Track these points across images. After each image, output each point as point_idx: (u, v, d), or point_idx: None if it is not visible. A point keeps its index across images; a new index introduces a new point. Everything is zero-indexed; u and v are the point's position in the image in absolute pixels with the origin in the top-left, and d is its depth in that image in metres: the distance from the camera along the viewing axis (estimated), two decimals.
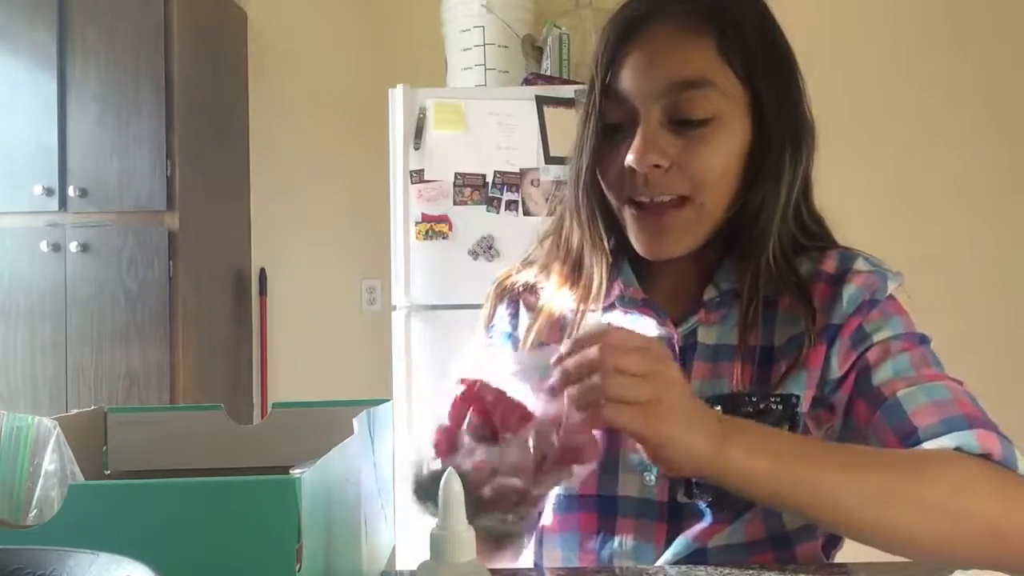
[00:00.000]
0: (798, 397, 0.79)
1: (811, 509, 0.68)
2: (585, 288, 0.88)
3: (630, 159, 0.79)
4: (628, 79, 0.81)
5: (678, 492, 0.80)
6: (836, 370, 0.80)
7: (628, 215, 0.84)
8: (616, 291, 0.88)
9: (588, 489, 0.84)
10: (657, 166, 0.79)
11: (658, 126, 0.80)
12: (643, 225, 0.83)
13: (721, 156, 0.81)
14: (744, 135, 0.82)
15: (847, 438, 0.79)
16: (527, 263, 0.98)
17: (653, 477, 0.81)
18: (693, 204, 0.81)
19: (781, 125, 0.82)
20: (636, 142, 0.79)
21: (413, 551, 0.60)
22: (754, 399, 0.79)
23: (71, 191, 2.33)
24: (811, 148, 0.85)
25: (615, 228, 0.88)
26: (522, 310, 0.95)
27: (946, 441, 0.70)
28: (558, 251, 0.93)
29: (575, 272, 0.90)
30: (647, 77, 0.80)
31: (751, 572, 0.73)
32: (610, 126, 0.83)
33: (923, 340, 0.80)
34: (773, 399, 0.79)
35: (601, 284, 0.86)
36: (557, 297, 0.91)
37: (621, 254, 0.89)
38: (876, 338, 0.79)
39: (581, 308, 0.88)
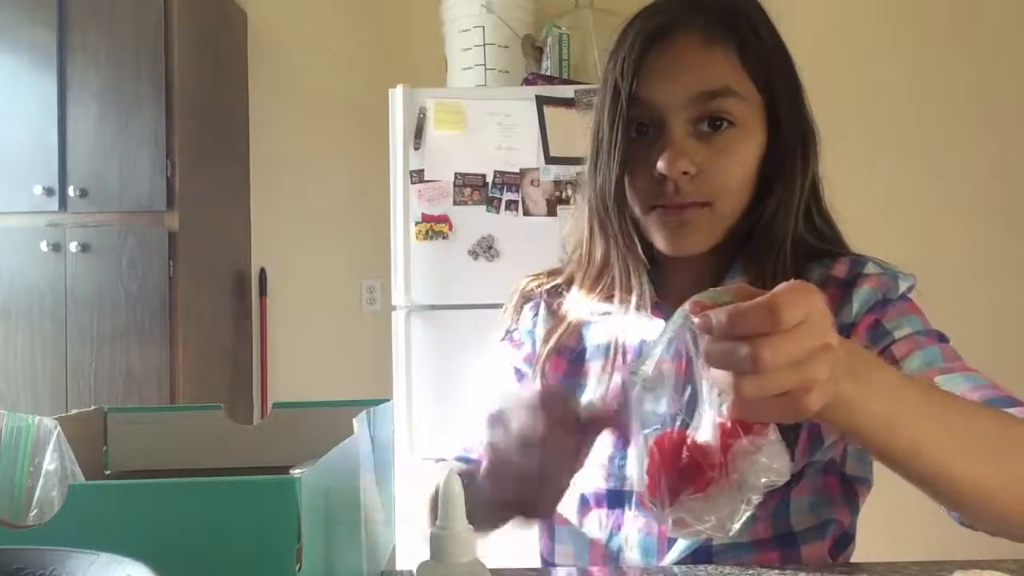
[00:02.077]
0: None
1: (903, 457, 0.60)
2: (623, 298, 0.88)
3: (661, 166, 0.80)
4: (654, 88, 0.82)
5: None
6: None
7: (652, 217, 0.85)
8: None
9: (598, 483, 0.85)
10: (686, 173, 0.81)
11: (685, 134, 0.81)
12: (666, 222, 0.84)
13: (743, 163, 0.83)
14: (761, 140, 0.84)
15: None
16: (554, 273, 1.00)
17: None
18: (713, 208, 0.83)
19: (792, 128, 0.85)
20: (667, 150, 0.81)
21: (413, 551, 0.60)
22: None
23: (71, 191, 2.33)
24: (817, 148, 0.87)
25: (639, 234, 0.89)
26: (542, 311, 0.97)
27: None
28: (581, 261, 0.94)
29: (599, 281, 0.91)
30: (673, 87, 0.81)
31: (752, 573, 0.73)
32: (636, 133, 0.84)
33: (943, 338, 0.81)
34: None
35: (643, 292, 0.87)
36: (581, 306, 0.93)
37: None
38: (898, 334, 0.79)
39: (626, 318, 0.88)
